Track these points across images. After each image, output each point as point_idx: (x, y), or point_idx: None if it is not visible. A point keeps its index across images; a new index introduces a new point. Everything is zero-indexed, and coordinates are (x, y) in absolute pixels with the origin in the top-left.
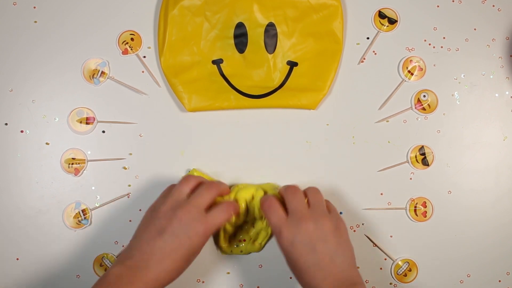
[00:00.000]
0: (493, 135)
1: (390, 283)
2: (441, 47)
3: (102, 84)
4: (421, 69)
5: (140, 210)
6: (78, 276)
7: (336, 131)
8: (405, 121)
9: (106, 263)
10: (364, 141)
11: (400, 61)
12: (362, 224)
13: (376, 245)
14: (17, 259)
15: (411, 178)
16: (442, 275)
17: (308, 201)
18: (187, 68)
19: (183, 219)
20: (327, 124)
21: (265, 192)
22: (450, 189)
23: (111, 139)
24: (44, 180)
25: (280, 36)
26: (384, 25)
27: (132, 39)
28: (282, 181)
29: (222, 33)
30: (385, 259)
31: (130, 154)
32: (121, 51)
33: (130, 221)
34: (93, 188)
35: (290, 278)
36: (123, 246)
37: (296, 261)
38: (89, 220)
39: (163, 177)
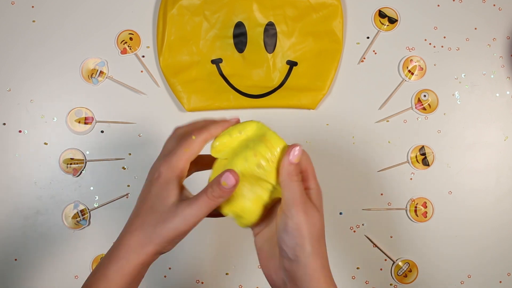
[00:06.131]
0: (494, 135)
1: (391, 284)
2: (442, 46)
3: (100, 84)
4: (422, 68)
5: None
6: (76, 277)
7: (336, 131)
8: (405, 121)
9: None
10: (364, 141)
11: (401, 60)
12: (362, 224)
13: (376, 246)
14: (15, 259)
15: (411, 178)
16: (443, 276)
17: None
18: (186, 68)
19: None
20: (327, 124)
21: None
22: (450, 189)
23: (110, 139)
24: (42, 180)
25: (279, 36)
26: (384, 25)
27: (131, 38)
28: None
29: (221, 32)
30: (385, 259)
31: (129, 154)
32: (119, 51)
33: None
34: (91, 188)
35: None
36: None
37: None
38: (87, 221)
39: None
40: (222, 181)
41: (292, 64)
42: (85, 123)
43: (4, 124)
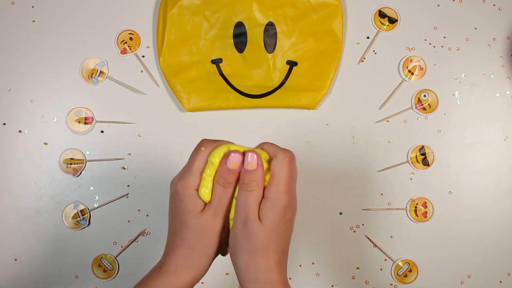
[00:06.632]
0: (494, 135)
1: (391, 284)
2: (442, 46)
3: (100, 84)
4: (422, 68)
5: (139, 210)
6: (76, 277)
7: (336, 131)
8: (405, 121)
9: (105, 263)
10: (364, 141)
11: (401, 60)
12: (362, 224)
13: (376, 246)
14: (15, 259)
15: (411, 178)
16: (443, 276)
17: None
18: (186, 68)
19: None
20: (327, 124)
21: None
22: (450, 189)
23: (110, 139)
24: (42, 180)
25: (279, 36)
26: (384, 25)
27: (131, 38)
28: None
29: (222, 32)
30: (385, 259)
31: (129, 154)
32: (119, 51)
33: (128, 221)
34: (91, 188)
35: (290, 278)
36: (121, 246)
37: None
38: (87, 221)
39: (162, 177)
40: (230, 165)
41: (292, 64)
42: (85, 123)
43: (4, 124)
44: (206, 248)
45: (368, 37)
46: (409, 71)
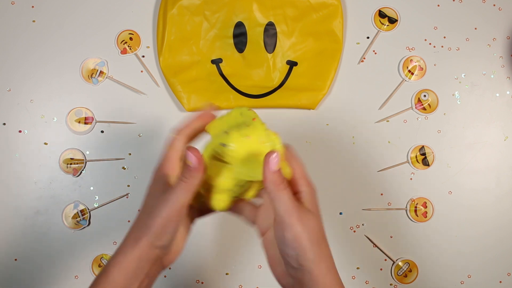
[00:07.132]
0: (494, 135)
1: (391, 284)
2: (442, 46)
3: (100, 84)
4: (422, 68)
5: (139, 210)
6: (76, 277)
7: (336, 131)
8: (405, 121)
9: (105, 263)
10: (364, 141)
11: (401, 60)
12: (362, 224)
13: (376, 246)
14: (15, 259)
15: (411, 178)
16: (443, 276)
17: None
18: (186, 68)
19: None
20: (327, 124)
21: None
22: (450, 189)
23: (110, 139)
24: (42, 180)
25: (279, 36)
26: (384, 25)
27: (131, 38)
28: None
29: (222, 32)
30: (385, 259)
31: (129, 154)
32: (119, 51)
33: (128, 221)
34: (91, 188)
35: None
36: None
37: None
38: (87, 221)
39: None
40: (187, 161)
41: (292, 64)
42: (85, 123)
43: (4, 124)
44: (148, 229)
45: (368, 37)
46: (409, 71)
